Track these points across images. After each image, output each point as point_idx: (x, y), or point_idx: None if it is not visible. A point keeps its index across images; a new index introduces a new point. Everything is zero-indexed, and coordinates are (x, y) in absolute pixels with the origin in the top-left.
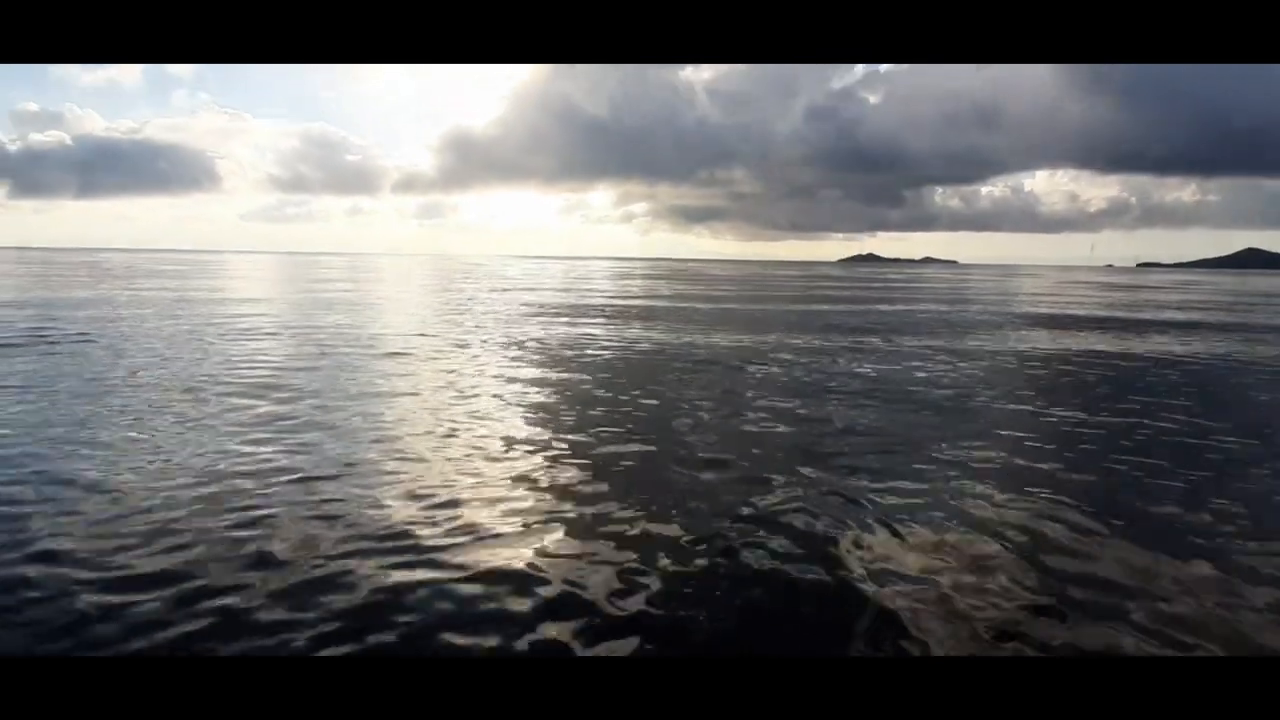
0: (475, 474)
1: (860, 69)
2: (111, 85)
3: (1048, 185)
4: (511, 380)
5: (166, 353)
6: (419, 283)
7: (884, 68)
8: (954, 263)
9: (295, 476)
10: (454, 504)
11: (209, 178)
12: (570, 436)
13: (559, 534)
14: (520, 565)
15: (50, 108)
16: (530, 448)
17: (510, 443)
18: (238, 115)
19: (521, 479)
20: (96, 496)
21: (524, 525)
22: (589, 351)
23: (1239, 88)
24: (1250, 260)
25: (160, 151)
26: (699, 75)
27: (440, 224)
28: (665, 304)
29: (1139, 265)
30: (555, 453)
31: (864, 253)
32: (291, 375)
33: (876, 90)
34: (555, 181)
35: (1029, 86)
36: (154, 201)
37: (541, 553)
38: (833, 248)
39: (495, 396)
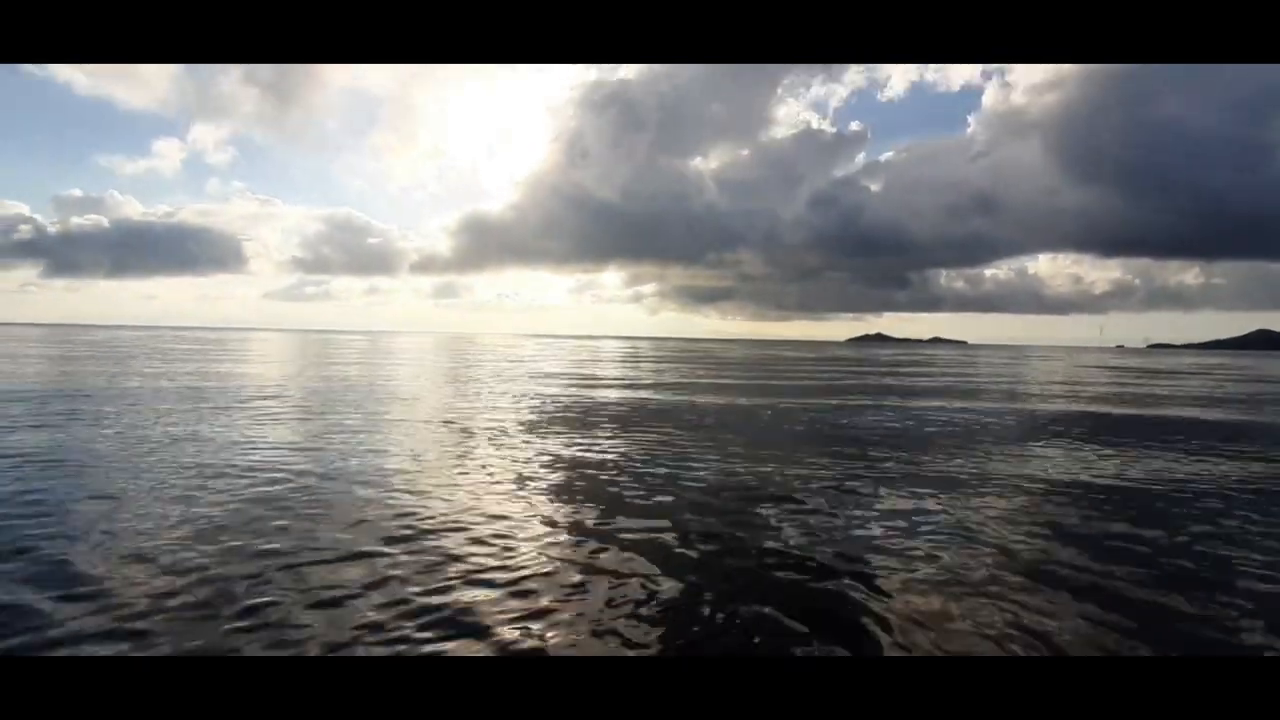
0: None
1: (861, 159)
2: (152, 173)
3: (1051, 268)
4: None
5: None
6: (436, 369)
7: (885, 156)
8: (963, 343)
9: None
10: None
11: (235, 259)
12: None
13: None
14: None
15: (93, 194)
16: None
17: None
18: (269, 201)
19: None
20: None
21: None
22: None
23: (1234, 176)
24: (1262, 342)
25: (191, 234)
26: (707, 165)
27: (455, 303)
28: (668, 397)
29: (1150, 346)
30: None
31: (872, 333)
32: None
33: (877, 179)
34: (567, 262)
35: (1023, 174)
36: (180, 281)
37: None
38: (841, 328)
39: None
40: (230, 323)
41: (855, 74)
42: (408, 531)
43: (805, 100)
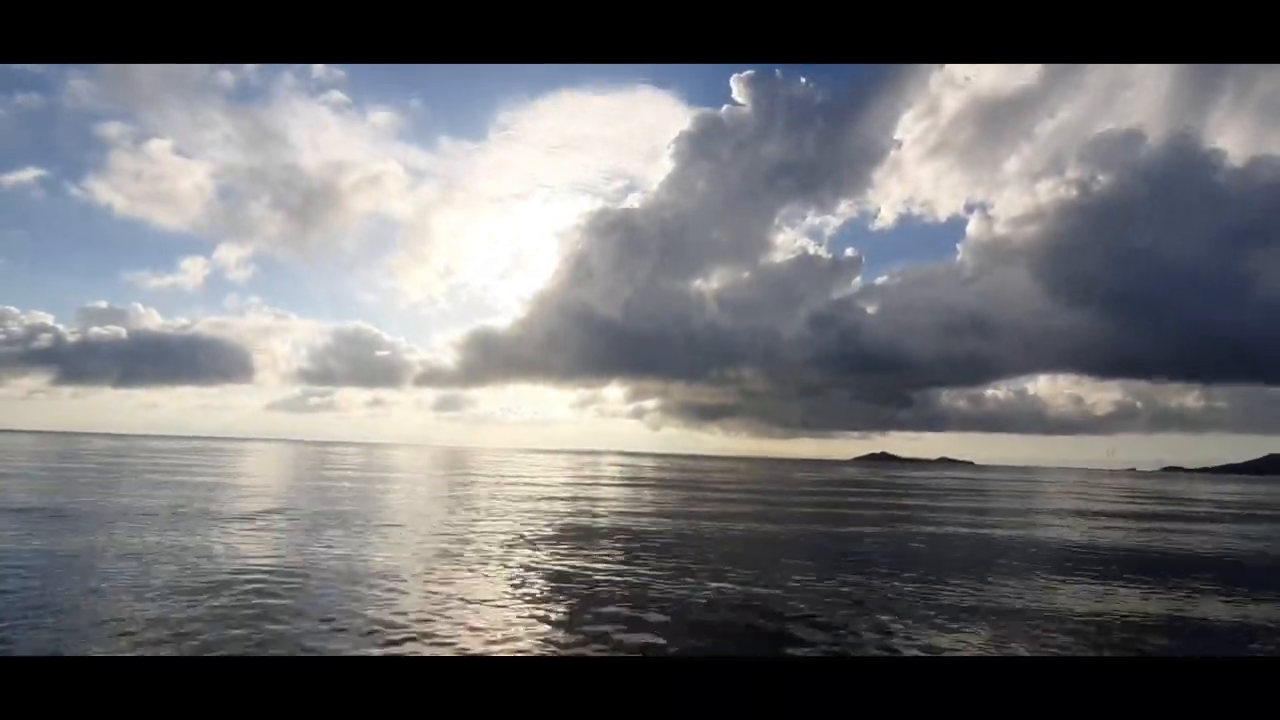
0: None
1: (857, 282)
2: (175, 288)
3: (1051, 389)
4: None
5: None
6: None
7: (879, 281)
8: (970, 463)
9: None
10: None
11: (243, 370)
12: None
13: None
14: None
15: (117, 305)
16: None
17: None
18: (283, 315)
19: None
20: None
21: None
22: None
23: (1217, 304)
24: (1273, 467)
25: (202, 345)
26: (708, 285)
27: (457, 415)
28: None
29: (1164, 470)
30: None
31: (878, 451)
32: None
33: (873, 301)
34: (570, 377)
35: (1016, 298)
36: (183, 390)
37: None
38: (847, 446)
39: None
40: (234, 432)
41: (847, 206)
42: None
43: (801, 229)
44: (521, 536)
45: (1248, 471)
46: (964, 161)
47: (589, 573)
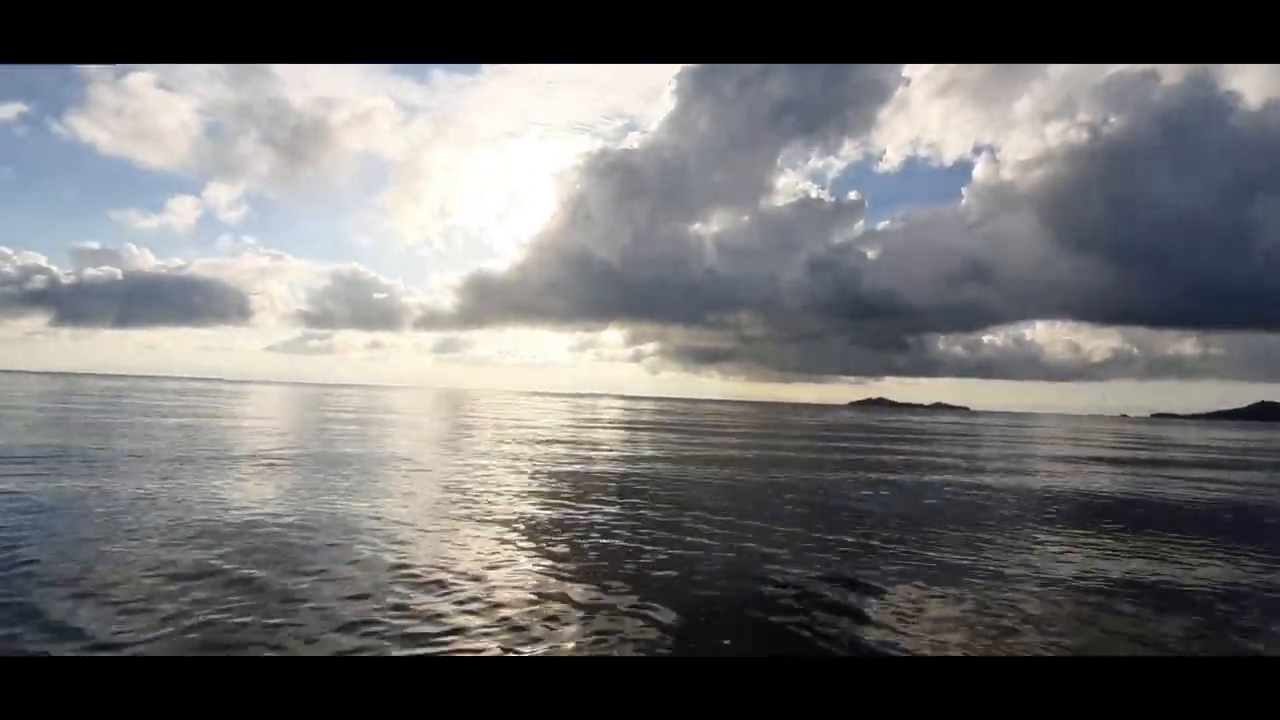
0: None
1: (859, 227)
2: (166, 229)
3: (1048, 335)
4: None
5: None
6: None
7: (881, 225)
8: (966, 409)
9: None
10: None
11: (240, 312)
12: None
13: None
14: None
15: (110, 246)
16: None
17: None
18: (278, 256)
19: None
20: None
21: None
22: None
23: (1221, 251)
24: (1266, 414)
25: (198, 287)
26: (708, 229)
27: (456, 358)
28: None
29: (1154, 416)
30: None
31: (874, 397)
32: None
33: (874, 246)
34: (569, 321)
35: (1017, 243)
36: (181, 332)
37: None
38: (843, 391)
39: None
40: (233, 374)
41: (851, 148)
42: None
43: (803, 171)
44: (526, 477)
45: (1239, 418)
46: (974, 100)
47: (589, 519)
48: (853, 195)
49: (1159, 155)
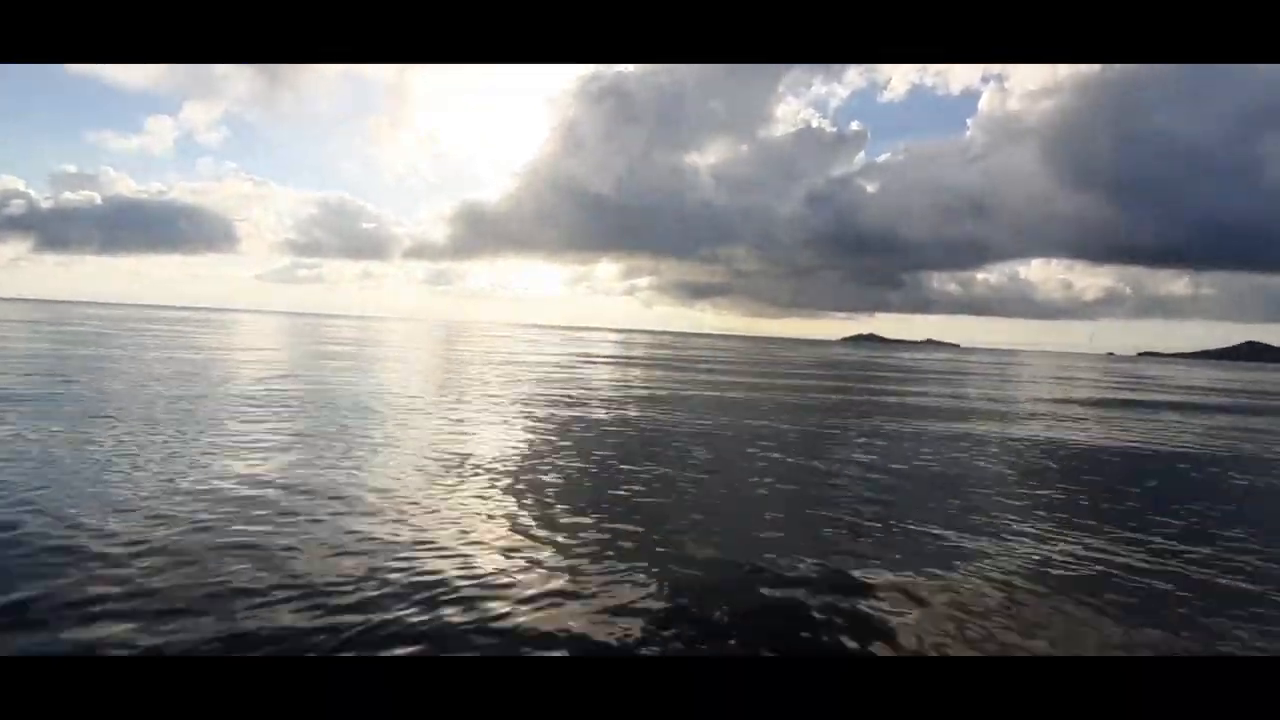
0: None
1: (860, 159)
2: (143, 151)
3: (1043, 273)
4: None
5: None
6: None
7: (882, 157)
8: (956, 346)
9: None
10: None
11: (227, 239)
12: None
13: None
14: None
15: (87, 170)
16: None
17: None
18: (262, 182)
19: None
20: None
21: None
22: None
23: (1223, 186)
24: (1250, 354)
25: (182, 212)
26: (704, 159)
27: (448, 290)
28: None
29: (1140, 355)
30: None
31: (865, 332)
32: None
33: (873, 179)
34: (562, 252)
35: (1019, 178)
36: (168, 259)
37: None
38: (835, 326)
39: None
40: (222, 303)
41: (856, 74)
42: None
43: (806, 99)
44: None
45: (1224, 358)
46: None
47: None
48: (855, 126)
49: (1168, 87)
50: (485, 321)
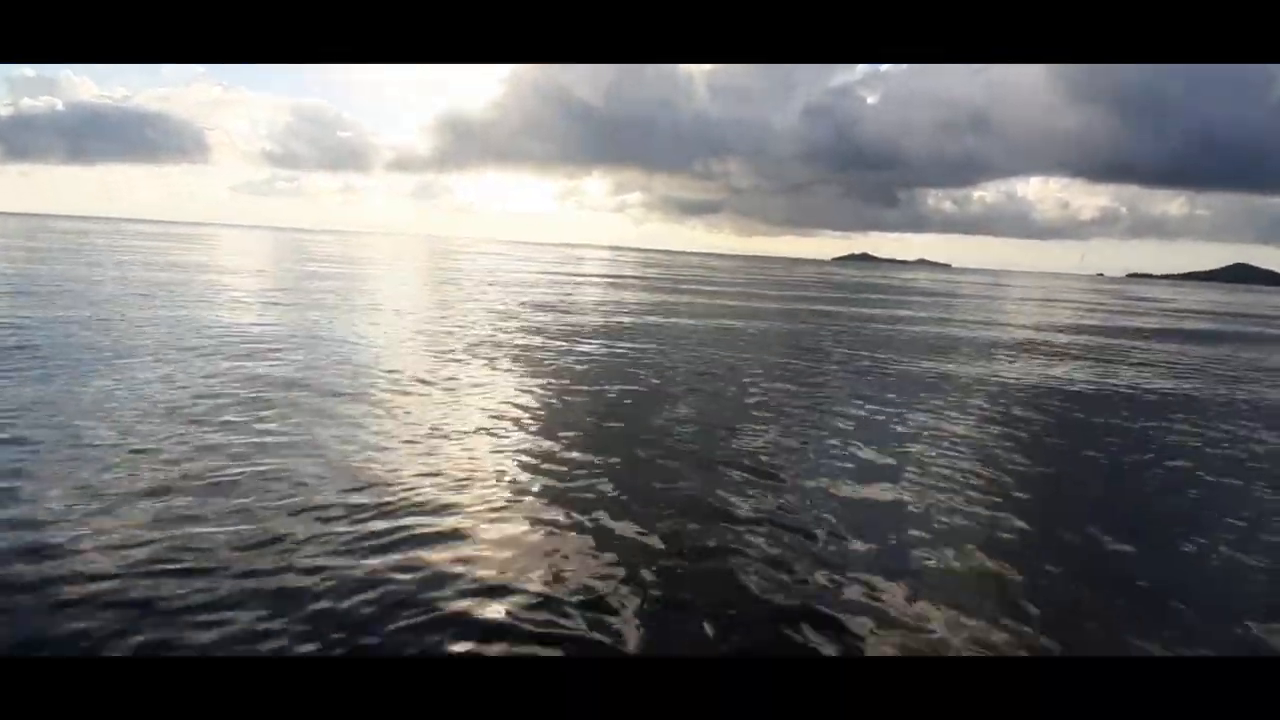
0: None
1: (860, 68)
2: None
3: (1040, 192)
4: None
5: None
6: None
7: (883, 68)
8: (947, 266)
9: None
10: None
11: (198, 148)
12: None
13: None
14: None
15: (45, 74)
16: None
17: None
18: (231, 87)
19: None
20: None
21: None
22: None
23: (1228, 102)
24: (1240, 275)
25: (149, 119)
26: (698, 68)
27: (434, 205)
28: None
29: (1129, 276)
30: None
31: (858, 252)
32: None
33: (874, 90)
34: (551, 166)
35: (1023, 92)
36: (136, 169)
37: None
38: (828, 245)
39: None
40: (198, 218)
41: None
42: None
43: None
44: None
45: (1213, 279)
46: None
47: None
48: None
49: None
50: (470, 238)
